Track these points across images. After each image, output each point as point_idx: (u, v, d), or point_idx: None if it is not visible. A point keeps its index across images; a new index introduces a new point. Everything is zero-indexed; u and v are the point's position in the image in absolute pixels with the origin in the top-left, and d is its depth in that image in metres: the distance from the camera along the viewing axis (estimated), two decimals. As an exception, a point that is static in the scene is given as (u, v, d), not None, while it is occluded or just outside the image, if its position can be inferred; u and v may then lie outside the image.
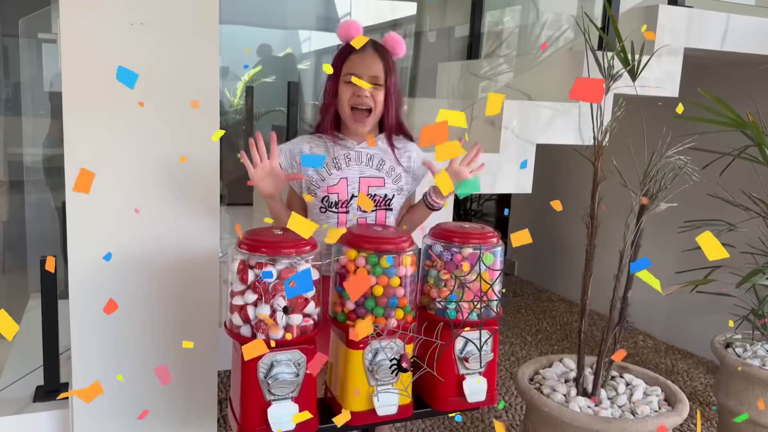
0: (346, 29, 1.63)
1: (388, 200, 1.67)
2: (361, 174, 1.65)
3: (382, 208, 1.67)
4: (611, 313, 1.93)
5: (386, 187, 1.67)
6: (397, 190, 1.69)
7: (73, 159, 1.64)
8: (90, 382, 1.75)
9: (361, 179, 1.65)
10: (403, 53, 1.67)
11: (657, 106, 2.06)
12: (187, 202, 1.76)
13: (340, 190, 1.63)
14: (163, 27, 1.66)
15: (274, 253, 1.29)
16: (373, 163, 1.67)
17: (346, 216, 1.64)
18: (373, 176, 1.66)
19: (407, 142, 1.74)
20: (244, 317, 1.32)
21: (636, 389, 1.97)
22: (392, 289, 1.39)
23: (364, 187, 1.65)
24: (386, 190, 1.67)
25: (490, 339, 1.49)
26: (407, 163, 1.70)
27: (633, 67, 2.02)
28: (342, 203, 1.64)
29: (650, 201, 1.90)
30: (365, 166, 1.66)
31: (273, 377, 1.30)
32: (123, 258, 1.72)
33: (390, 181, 1.67)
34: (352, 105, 1.61)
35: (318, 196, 1.65)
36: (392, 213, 1.69)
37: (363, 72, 1.59)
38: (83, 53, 1.60)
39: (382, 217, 1.67)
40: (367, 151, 1.67)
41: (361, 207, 1.63)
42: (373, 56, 1.61)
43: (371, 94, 1.60)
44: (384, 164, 1.67)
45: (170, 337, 1.82)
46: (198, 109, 1.71)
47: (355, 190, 1.64)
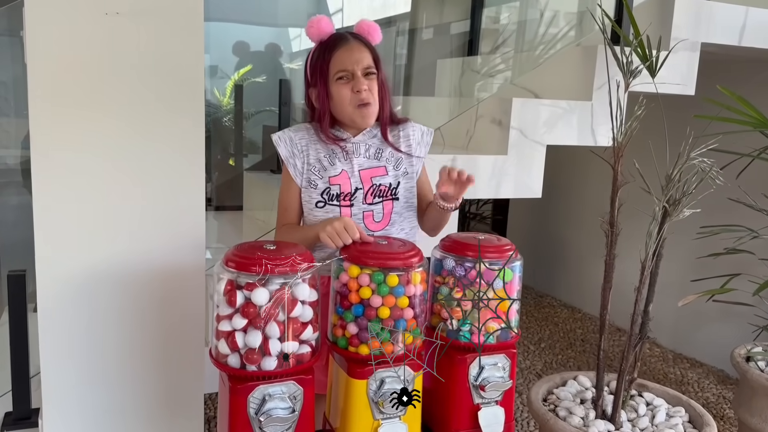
0: (318, 27, 1.49)
1: (393, 189, 1.54)
2: (360, 166, 1.52)
3: (389, 198, 1.53)
4: (632, 328, 1.78)
5: (389, 175, 1.54)
6: (402, 174, 1.55)
7: (42, 165, 1.47)
8: (63, 408, 1.60)
9: (361, 172, 1.52)
10: (380, 39, 1.53)
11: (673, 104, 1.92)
12: (170, 209, 1.60)
13: (342, 181, 1.50)
14: (141, 17, 1.50)
15: (265, 272, 1.13)
16: (370, 153, 1.54)
17: (350, 209, 1.50)
18: (374, 166, 1.53)
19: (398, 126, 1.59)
20: (231, 345, 1.16)
21: (658, 410, 1.83)
22: (400, 310, 1.23)
23: (366, 178, 1.52)
24: (389, 179, 1.54)
25: (508, 365, 1.34)
26: (407, 147, 1.57)
27: (651, 63, 1.88)
28: (345, 195, 1.50)
29: (673, 207, 1.75)
30: (363, 158, 1.53)
31: (265, 413, 1.14)
32: (98, 272, 1.56)
33: (391, 167, 1.54)
34: (355, 105, 1.47)
35: (318, 188, 1.50)
36: (399, 203, 1.54)
37: (356, 66, 1.46)
38: (51, 45, 1.43)
39: (389, 208, 1.53)
40: (365, 142, 1.53)
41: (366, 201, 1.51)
42: (360, 47, 1.48)
43: (369, 87, 1.47)
44: (382, 152, 1.54)
45: (152, 359, 1.66)
46: (181, 109, 1.56)
47: (358, 182, 1.51)
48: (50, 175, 1.49)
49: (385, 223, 1.53)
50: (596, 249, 3.96)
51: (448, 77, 3.17)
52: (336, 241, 1.31)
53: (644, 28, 1.86)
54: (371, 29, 1.52)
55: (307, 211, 1.53)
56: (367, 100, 1.47)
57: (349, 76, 1.46)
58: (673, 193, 1.75)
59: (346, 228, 1.32)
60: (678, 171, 1.72)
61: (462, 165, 2.10)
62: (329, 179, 1.50)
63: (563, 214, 4.29)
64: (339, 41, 1.47)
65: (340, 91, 1.47)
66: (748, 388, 2.22)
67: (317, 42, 1.50)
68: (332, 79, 1.47)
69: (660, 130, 1.74)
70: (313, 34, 1.50)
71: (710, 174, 1.75)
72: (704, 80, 2.43)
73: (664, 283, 1.80)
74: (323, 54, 1.48)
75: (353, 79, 1.46)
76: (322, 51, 1.48)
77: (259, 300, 1.13)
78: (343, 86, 1.46)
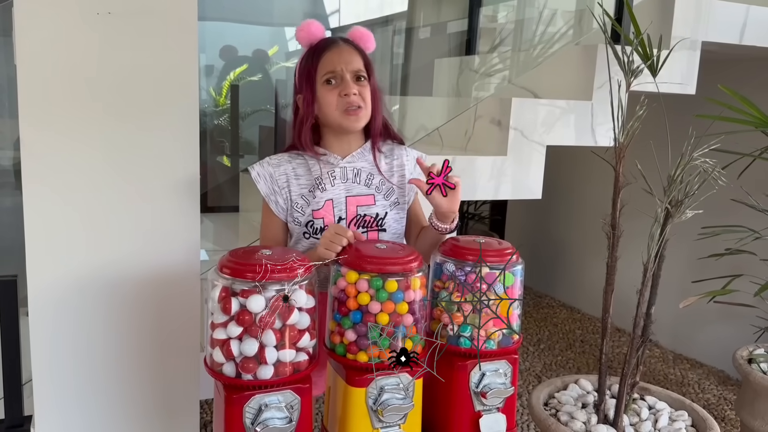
0: (308, 31, 1.43)
1: (380, 220, 1.46)
2: (348, 192, 1.45)
3: (374, 229, 1.46)
4: (634, 331, 1.76)
5: (377, 205, 1.46)
6: (390, 205, 1.48)
7: (33, 166, 1.44)
8: (55, 415, 1.57)
9: (347, 198, 1.45)
10: (373, 47, 1.46)
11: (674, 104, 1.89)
12: (163, 211, 1.57)
13: (326, 213, 1.43)
14: (134, 17, 1.47)
15: (261, 279, 1.10)
16: (360, 179, 1.46)
17: None
18: (362, 194, 1.46)
19: (395, 148, 1.52)
20: (227, 353, 1.13)
21: (661, 414, 1.80)
22: (399, 316, 1.20)
23: (352, 207, 1.44)
24: (377, 209, 1.46)
25: (510, 371, 1.31)
26: (399, 178, 1.50)
27: (653, 62, 1.85)
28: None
29: (675, 208, 1.72)
30: (351, 183, 1.45)
31: (262, 424, 1.11)
32: (91, 275, 1.53)
33: (381, 196, 1.47)
34: (343, 110, 1.40)
35: (301, 223, 1.45)
36: (386, 234, 1.47)
37: (344, 68, 1.39)
38: (41, 45, 1.40)
39: (374, 238, 1.45)
40: (353, 166, 1.47)
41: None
42: (350, 50, 1.42)
43: (359, 92, 1.39)
44: (373, 179, 1.47)
45: (146, 364, 1.63)
46: (175, 109, 1.53)
47: (342, 211, 1.44)
48: (41, 177, 1.46)
49: None
50: (595, 249, 3.94)
51: (446, 77, 3.14)
52: (334, 249, 1.25)
53: (644, 26, 1.83)
54: (364, 37, 1.46)
55: (295, 239, 1.48)
56: (356, 104, 1.39)
57: (338, 79, 1.39)
58: (675, 194, 1.72)
59: (337, 233, 1.26)
60: (680, 171, 1.70)
61: (461, 166, 2.08)
62: (312, 213, 1.43)
63: (562, 214, 4.27)
64: (328, 44, 1.41)
65: (326, 95, 1.40)
66: (750, 390, 2.20)
67: (307, 46, 1.45)
68: (319, 82, 1.40)
69: (660, 130, 1.71)
70: (303, 39, 1.44)
71: (713, 174, 1.73)
72: (706, 79, 2.41)
73: (664, 283, 1.78)
74: (311, 58, 1.42)
75: (341, 82, 1.39)
76: (311, 54, 1.42)
77: (254, 307, 1.10)
78: (330, 90, 1.40)
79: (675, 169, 1.70)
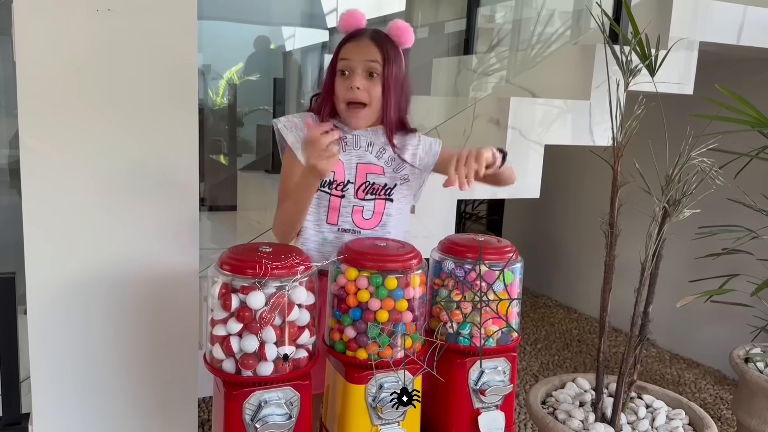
0: (347, 19, 1.46)
1: (389, 189, 1.47)
2: (359, 159, 1.46)
3: (381, 198, 1.47)
4: (632, 330, 1.76)
5: (386, 176, 1.47)
6: (400, 179, 1.49)
7: (32, 164, 1.44)
8: (53, 413, 1.57)
9: (359, 165, 1.46)
10: (411, 42, 1.47)
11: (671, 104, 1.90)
12: (162, 211, 1.57)
13: (336, 169, 1.44)
14: (134, 14, 1.47)
15: (264, 275, 1.10)
16: (372, 149, 1.47)
17: (341, 200, 1.45)
18: (372, 162, 1.47)
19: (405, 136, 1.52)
20: (226, 350, 1.13)
21: (658, 413, 1.81)
22: (399, 313, 1.20)
23: (362, 173, 1.46)
24: (386, 179, 1.47)
25: (509, 369, 1.31)
26: (411, 158, 1.50)
27: (651, 61, 1.86)
28: (337, 185, 1.45)
29: (673, 207, 1.73)
30: (364, 151, 1.47)
31: (261, 420, 1.11)
32: (89, 273, 1.53)
33: (390, 170, 1.48)
34: (346, 101, 1.41)
35: None
36: (392, 204, 1.48)
37: (356, 58, 1.40)
38: (40, 42, 1.40)
39: (381, 207, 1.46)
40: (366, 137, 1.47)
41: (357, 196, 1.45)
42: (368, 43, 1.42)
43: (365, 87, 1.40)
44: (384, 153, 1.48)
45: (144, 362, 1.63)
46: (174, 107, 1.53)
47: (352, 176, 1.45)
48: (40, 176, 1.46)
49: (375, 222, 1.46)
50: (592, 249, 3.95)
51: (444, 76, 3.14)
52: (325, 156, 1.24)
53: (642, 26, 1.84)
54: (401, 31, 1.46)
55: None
56: (357, 99, 1.40)
57: (350, 70, 1.41)
58: (673, 194, 1.73)
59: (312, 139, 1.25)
60: (678, 171, 1.70)
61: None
62: None
63: (559, 213, 4.27)
64: (354, 36, 1.43)
65: (338, 84, 1.43)
66: (747, 389, 2.21)
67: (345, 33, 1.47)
68: (337, 71, 1.43)
69: (657, 129, 1.72)
70: (342, 27, 1.46)
71: (710, 174, 1.73)
72: (703, 80, 2.42)
73: (661, 283, 1.78)
74: (340, 44, 1.45)
75: (352, 74, 1.40)
76: (340, 43, 1.45)
77: (254, 304, 1.10)
78: (342, 81, 1.42)
79: (673, 169, 1.71)
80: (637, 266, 1.74)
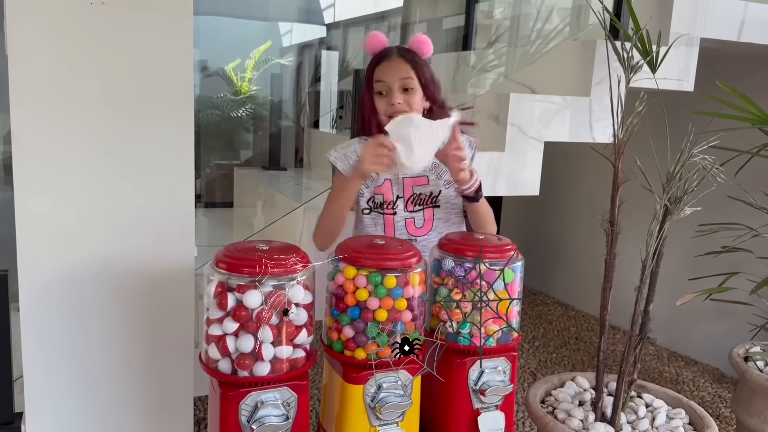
0: (371, 42, 1.62)
1: (434, 197, 1.65)
2: (405, 174, 1.63)
3: (429, 206, 1.64)
4: (632, 329, 1.75)
5: (430, 184, 1.64)
6: (444, 184, 1.65)
7: (25, 160, 1.42)
8: (47, 412, 1.55)
9: (404, 180, 1.63)
10: (431, 52, 1.61)
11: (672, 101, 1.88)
12: (157, 206, 1.54)
13: (385, 190, 1.63)
14: (128, 8, 1.45)
15: (263, 273, 1.08)
16: None
17: (393, 217, 1.62)
18: (416, 175, 1.64)
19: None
20: (222, 350, 1.11)
21: (658, 412, 1.79)
22: (398, 312, 1.18)
23: (408, 187, 1.63)
24: (431, 188, 1.65)
25: (509, 368, 1.30)
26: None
27: (652, 57, 1.84)
28: (388, 204, 1.62)
29: (674, 205, 1.71)
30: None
31: (258, 421, 1.09)
32: (83, 271, 1.51)
33: (434, 176, 1.64)
34: (388, 115, 1.54)
35: (365, 197, 1.63)
36: (440, 210, 1.65)
37: (391, 79, 1.55)
38: (33, 36, 1.37)
39: (430, 215, 1.64)
40: None
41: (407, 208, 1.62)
42: (399, 61, 1.57)
43: (404, 101, 1.55)
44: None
45: (139, 361, 1.61)
46: (170, 103, 1.51)
47: (400, 191, 1.63)
48: (33, 171, 1.43)
49: (428, 229, 1.63)
50: (590, 246, 3.94)
51: (443, 73, 3.12)
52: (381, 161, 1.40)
53: (643, 22, 1.82)
54: (421, 44, 1.60)
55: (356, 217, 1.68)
56: (399, 111, 1.52)
57: (387, 90, 1.55)
58: (674, 191, 1.71)
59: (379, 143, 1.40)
60: (679, 168, 1.69)
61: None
62: (374, 188, 1.62)
63: (557, 210, 4.26)
64: (383, 57, 1.57)
65: (378, 102, 1.58)
66: (746, 388, 2.20)
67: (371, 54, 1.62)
68: (374, 89, 1.58)
69: (657, 126, 1.70)
70: (368, 48, 1.62)
71: (712, 171, 1.71)
72: (704, 76, 2.40)
73: (660, 281, 1.77)
74: (370, 67, 1.60)
75: (389, 93, 1.54)
76: (371, 64, 1.60)
77: (251, 303, 1.08)
78: (381, 99, 1.57)
79: (674, 166, 1.69)
80: (635, 264, 1.72)
